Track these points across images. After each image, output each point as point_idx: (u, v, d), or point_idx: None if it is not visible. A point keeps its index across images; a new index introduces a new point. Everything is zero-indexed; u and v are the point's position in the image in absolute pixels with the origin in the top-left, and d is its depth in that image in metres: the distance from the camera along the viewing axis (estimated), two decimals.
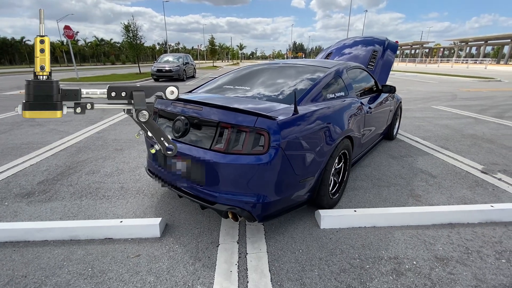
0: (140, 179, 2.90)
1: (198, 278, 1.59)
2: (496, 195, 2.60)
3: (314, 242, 1.91)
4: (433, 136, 4.56)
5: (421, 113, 6.55)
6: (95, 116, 6.03)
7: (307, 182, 1.94)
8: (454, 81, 15.11)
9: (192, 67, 17.79)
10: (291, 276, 1.60)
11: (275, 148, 1.62)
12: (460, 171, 3.16)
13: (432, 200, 2.50)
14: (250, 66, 3.02)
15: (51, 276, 1.61)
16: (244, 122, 1.63)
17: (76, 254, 1.79)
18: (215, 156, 1.67)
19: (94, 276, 1.61)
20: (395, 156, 3.62)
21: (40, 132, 4.75)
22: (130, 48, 18.86)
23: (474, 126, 5.27)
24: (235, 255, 1.78)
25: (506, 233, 2.02)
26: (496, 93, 10.00)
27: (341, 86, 2.52)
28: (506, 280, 1.58)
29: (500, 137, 4.50)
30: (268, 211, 1.76)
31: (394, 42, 4.58)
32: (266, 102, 2.05)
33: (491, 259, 1.75)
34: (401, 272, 1.64)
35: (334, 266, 1.69)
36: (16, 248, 1.85)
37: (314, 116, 1.92)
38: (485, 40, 49.58)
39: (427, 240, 1.94)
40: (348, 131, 2.27)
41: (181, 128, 1.86)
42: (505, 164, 3.34)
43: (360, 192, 2.63)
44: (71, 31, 13.71)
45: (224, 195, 1.73)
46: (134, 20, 18.26)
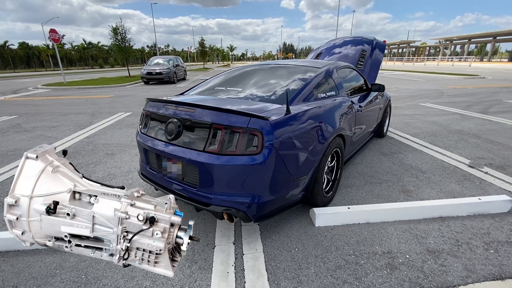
0: (133, 183, 2.86)
1: (195, 281, 1.58)
2: (483, 188, 2.68)
3: (310, 240, 1.93)
4: (422, 133, 4.67)
5: (410, 110, 6.70)
6: (85, 121, 5.91)
7: (301, 181, 1.96)
8: (441, 79, 15.50)
9: (183, 69, 17.66)
10: (288, 275, 1.62)
11: (269, 148, 1.63)
12: (448, 166, 3.25)
13: (423, 195, 2.56)
14: (241, 67, 3.03)
15: (43, 285, 1.58)
16: (237, 123, 1.64)
17: (68, 261, 1.75)
18: (209, 158, 1.67)
19: (88, 283, 1.58)
20: (386, 153, 3.69)
21: (27, 138, 4.63)
22: (119, 51, 18.58)
23: (460, 122, 5.43)
24: (232, 256, 1.78)
25: (493, 225, 2.08)
26: (481, 90, 10.32)
27: (332, 86, 2.56)
28: (495, 269, 1.63)
29: (486, 132, 4.64)
30: (263, 211, 1.76)
31: (382, 41, 4.68)
32: (258, 102, 2.06)
33: (480, 250, 1.81)
34: (395, 266, 1.67)
35: (330, 263, 1.71)
36: (5, 258, 1.80)
37: (306, 116, 1.94)
38: (469, 39, 51.11)
39: (418, 234, 1.98)
40: (340, 129, 2.30)
41: (174, 130, 1.85)
42: (490, 158, 3.45)
43: (353, 190, 2.67)
44: (57, 34, 13.42)
45: (219, 196, 1.73)
46: (123, 23, 18.02)
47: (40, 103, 8.65)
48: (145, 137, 2.11)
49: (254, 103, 2.03)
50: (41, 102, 8.99)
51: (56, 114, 6.71)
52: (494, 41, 47.54)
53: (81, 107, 7.82)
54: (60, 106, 8.06)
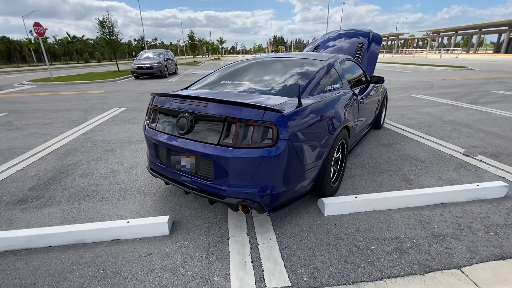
0: (138, 179, 2.85)
1: (214, 271, 1.62)
2: (479, 175, 2.81)
3: (320, 229, 1.99)
4: (417, 124, 4.80)
5: (403, 102, 6.85)
6: (78, 117, 5.78)
7: (312, 172, 2.01)
8: (430, 71, 15.82)
9: (174, 63, 17.36)
10: (304, 262, 1.68)
11: (283, 140, 1.66)
12: (444, 155, 3.37)
13: (423, 183, 2.67)
14: (244, 61, 3.03)
15: (62, 281, 1.58)
16: (251, 116, 1.66)
17: (84, 257, 1.76)
18: (224, 151, 1.69)
19: (108, 278, 1.59)
20: (384, 144, 3.79)
21: (20, 136, 4.50)
22: (106, 45, 18.03)
23: (452, 112, 5.60)
24: (247, 246, 1.82)
25: (491, 209, 2.20)
26: (469, 81, 10.61)
27: (336, 78, 2.60)
28: (496, 250, 1.74)
29: (477, 122, 4.82)
30: (277, 201, 1.81)
31: (378, 34, 4.73)
32: (269, 95, 2.08)
33: (481, 233, 1.91)
34: (404, 250, 1.76)
35: (342, 249, 1.78)
36: (18, 256, 1.79)
37: (317, 108, 1.98)
38: (455, 31, 52.11)
39: (423, 219, 2.08)
40: (346, 121, 2.36)
41: (186, 124, 1.85)
42: (483, 147, 3.60)
43: (356, 180, 2.75)
44: (42, 27, 12.90)
45: (234, 188, 1.76)
46: (110, 16, 17.45)
47: (28, 100, 8.37)
48: (154, 131, 2.10)
49: (264, 96, 2.05)
50: (29, 98, 8.70)
51: (47, 111, 6.52)
52: (480, 33, 48.66)
53: (72, 103, 7.62)
54: (50, 102, 7.82)
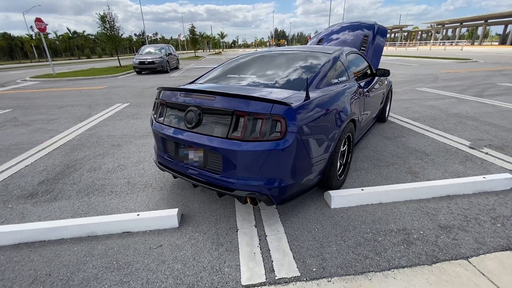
0: (145, 173, 2.88)
1: (224, 262, 1.66)
2: (485, 167, 2.81)
3: (328, 221, 2.01)
4: (422, 117, 4.78)
5: (407, 95, 6.80)
6: (83, 113, 5.81)
7: (320, 165, 2.02)
8: (434, 63, 15.63)
9: (175, 58, 17.29)
10: (312, 253, 1.70)
11: (292, 133, 1.67)
12: (450, 148, 3.37)
13: (429, 175, 2.67)
14: (249, 54, 3.02)
15: (76, 272, 1.62)
16: (260, 109, 1.66)
17: (97, 249, 1.80)
18: (232, 145, 1.70)
19: (121, 268, 1.63)
20: (389, 137, 3.78)
21: (27, 132, 4.54)
22: (107, 40, 17.96)
23: (457, 105, 5.56)
24: (255, 238, 1.85)
25: (498, 201, 2.21)
26: (474, 74, 10.48)
27: (342, 71, 2.59)
28: (503, 241, 1.75)
29: (482, 115, 4.78)
30: (285, 194, 1.83)
31: (383, 26, 4.67)
32: (275, 89, 2.08)
33: (488, 224, 1.93)
34: (411, 241, 1.78)
35: (349, 241, 1.80)
36: (32, 248, 1.83)
37: (324, 101, 1.98)
38: (460, 22, 51.18)
39: (429, 211, 2.09)
40: (352, 114, 2.36)
41: (194, 118, 1.86)
42: (489, 140, 3.59)
43: (362, 173, 2.76)
44: (43, 23, 12.85)
45: (242, 181, 1.78)
46: (110, 10, 17.34)
47: (32, 96, 8.41)
48: (162, 126, 2.12)
49: (272, 90, 2.05)
50: (33, 95, 8.73)
51: (52, 107, 6.56)
52: (485, 24, 47.78)
53: (76, 99, 7.64)
54: (54, 98, 7.86)
